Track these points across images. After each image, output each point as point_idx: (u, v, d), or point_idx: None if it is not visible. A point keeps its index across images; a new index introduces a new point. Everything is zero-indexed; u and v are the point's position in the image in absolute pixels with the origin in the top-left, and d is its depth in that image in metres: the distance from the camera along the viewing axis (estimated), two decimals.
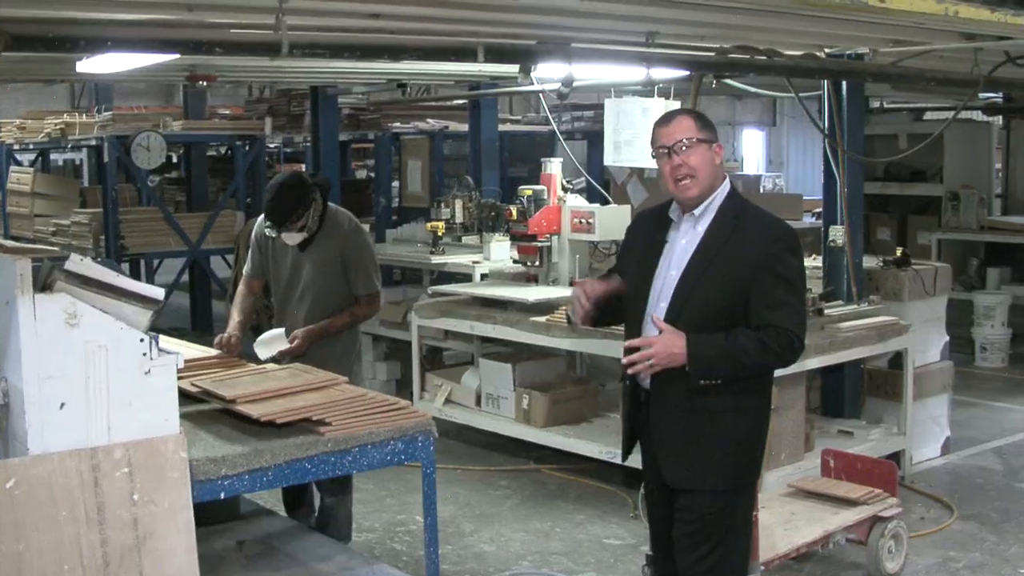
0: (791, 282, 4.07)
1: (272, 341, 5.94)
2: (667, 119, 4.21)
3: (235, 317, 6.19)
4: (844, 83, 8.01)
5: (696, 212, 4.14)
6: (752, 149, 29.02)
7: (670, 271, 4.14)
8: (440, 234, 9.96)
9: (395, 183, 15.13)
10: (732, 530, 4.18)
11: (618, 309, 4.32)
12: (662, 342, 3.99)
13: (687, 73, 7.70)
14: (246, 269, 6.37)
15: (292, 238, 5.96)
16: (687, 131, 4.11)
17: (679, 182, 4.10)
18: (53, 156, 17.97)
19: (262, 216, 6.07)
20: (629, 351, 4.07)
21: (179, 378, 3.93)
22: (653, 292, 4.15)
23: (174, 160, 17.09)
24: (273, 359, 5.79)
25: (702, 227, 4.14)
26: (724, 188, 4.18)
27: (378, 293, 6.22)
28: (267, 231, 6.02)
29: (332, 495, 6.07)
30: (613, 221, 7.92)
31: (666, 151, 4.11)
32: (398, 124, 14.36)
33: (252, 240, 6.26)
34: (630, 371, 4.09)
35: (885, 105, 15.10)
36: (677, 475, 4.17)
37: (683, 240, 4.16)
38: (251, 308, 6.34)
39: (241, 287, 6.36)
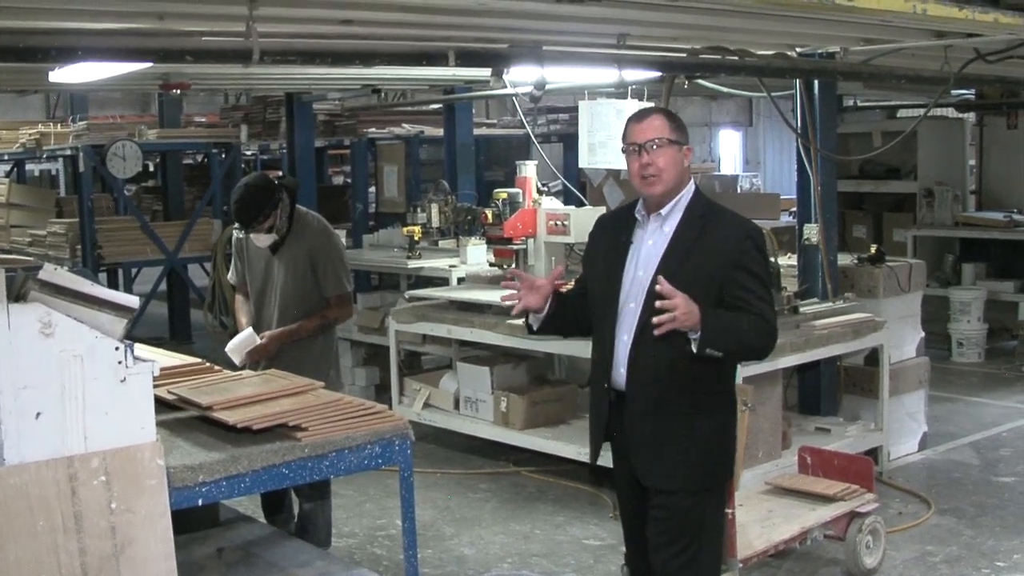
0: (762, 278, 4.13)
1: (242, 344, 5.94)
2: (640, 116, 4.22)
3: (243, 323, 6.20)
4: (816, 82, 8.05)
5: (663, 212, 4.16)
6: (729, 149, 29.14)
7: (637, 272, 4.15)
8: (417, 238, 10.00)
9: (371, 188, 15.13)
10: (705, 528, 4.21)
11: (569, 319, 4.37)
12: (685, 299, 3.87)
13: (659, 74, 7.73)
14: (232, 278, 6.38)
15: (262, 239, 5.98)
16: (659, 131, 4.12)
17: (644, 179, 4.13)
18: (28, 166, 17.89)
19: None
20: (656, 297, 3.90)
21: (155, 386, 3.92)
22: (622, 294, 4.17)
23: (150, 169, 17.04)
24: (249, 364, 5.80)
25: (669, 227, 4.15)
26: (690, 189, 4.20)
27: (348, 295, 6.22)
28: (235, 232, 6.05)
29: (311, 500, 6.08)
30: (589, 223, 7.82)
31: (636, 149, 4.13)
32: (373, 129, 14.34)
33: (233, 249, 6.28)
34: (660, 330, 3.90)
35: (858, 103, 15.18)
36: (651, 475, 4.18)
37: (649, 241, 4.17)
38: (252, 311, 6.32)
39: (238, 296, 6.37)
